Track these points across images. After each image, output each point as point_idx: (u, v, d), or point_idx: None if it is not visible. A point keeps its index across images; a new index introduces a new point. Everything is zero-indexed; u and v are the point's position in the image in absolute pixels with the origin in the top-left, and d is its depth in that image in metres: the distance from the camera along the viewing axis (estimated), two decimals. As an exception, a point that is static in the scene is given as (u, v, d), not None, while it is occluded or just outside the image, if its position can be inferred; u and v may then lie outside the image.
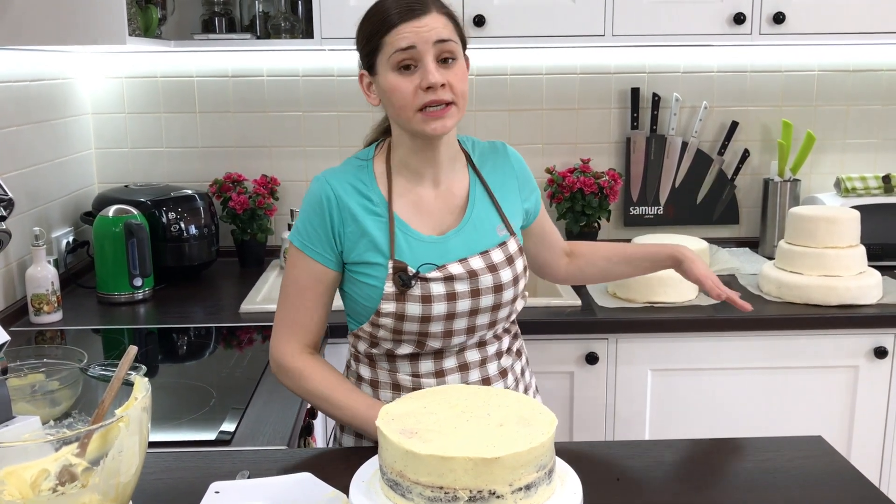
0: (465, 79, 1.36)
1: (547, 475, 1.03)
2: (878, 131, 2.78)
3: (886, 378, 2.16)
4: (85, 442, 1.04)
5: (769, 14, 2.30)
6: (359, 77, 1.42)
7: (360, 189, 1.40)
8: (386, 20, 1.32)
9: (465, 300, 1.38)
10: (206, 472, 1.26)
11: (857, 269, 2.19)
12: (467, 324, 1.41)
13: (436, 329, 1.39)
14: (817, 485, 1.21)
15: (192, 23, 2.58)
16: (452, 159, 1.45)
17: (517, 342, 1.57)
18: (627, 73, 2.71)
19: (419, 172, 1.42)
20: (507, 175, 1.50)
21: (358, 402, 1.38)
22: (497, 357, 1.48)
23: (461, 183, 1.46)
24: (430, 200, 1.43)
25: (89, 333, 2.04)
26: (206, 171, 2.70)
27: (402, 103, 1.33)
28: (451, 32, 1.34)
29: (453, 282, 1.38)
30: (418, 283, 1.36)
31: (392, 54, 1.32)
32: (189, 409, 1.55)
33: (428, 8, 1.33)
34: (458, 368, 1.44)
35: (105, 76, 2.63)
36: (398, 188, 1.42)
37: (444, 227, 1.43)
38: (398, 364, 1.44)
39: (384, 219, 1.39)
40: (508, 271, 1.42)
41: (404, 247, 1.39)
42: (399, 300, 1.36)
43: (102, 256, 2.23)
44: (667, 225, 2.77)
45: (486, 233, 1.43)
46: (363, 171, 1.43)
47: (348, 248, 1.39)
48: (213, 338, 2.01)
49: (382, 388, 1.46)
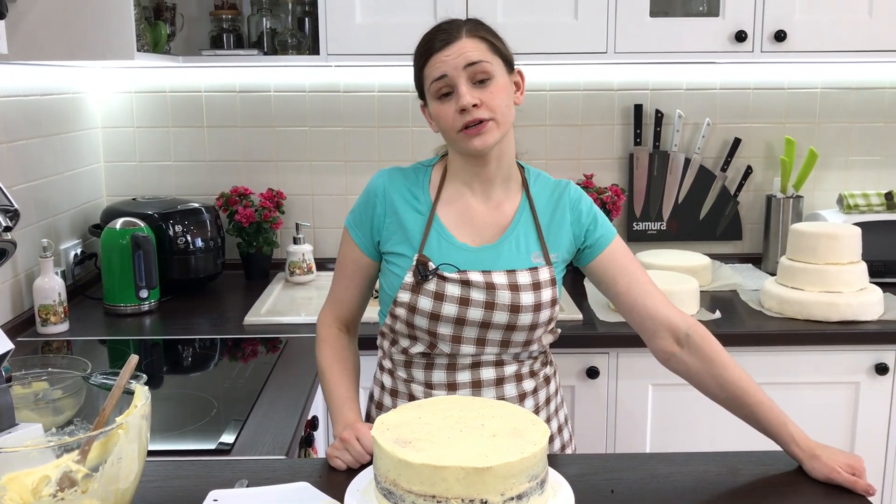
0: (502, 96, 1.40)
1: (539, 485, 1.04)
2: (881, 149, 2.79)
3: (888, 394, 2.16)
4: (86, 449, 1.06)
5: (770, 32, 2.32)
6: (421, 108, 1.52)
7: (410, 188, 1.50)
8: (422, 53, 1.43)
9: (478, 309, 1.42)
10: (205, 481, 1.27)
11: (858, 286, 2.20)
12: (478, 335, 1.44)
13: (445, 331, 1.43)
14: (814, 499, 1.21)
15: (201, 39, 2.62)
16: (506, 179, 1.50)
17: (546, 369, 1.56)
18: (630, 89, 2.73)
19: (470, 185, 1.49)
20: (561, 208, 1.51)
21: (338, 392, 1.48)
22: (517, 380, 1.49)
23: (512, 203, 1.50)
24: (478, 213, 1.49)
25: (96, 344, 2.07)
26: (213, 184, 2.73)
27: (446, 128, 1.42)
28: (484, 53, 1.39)
29: (469, 288, 1.42)
30: (435, 279, 1.42)
31: (430, 85, 1.41)
32: (190, 420, 1.57)
33: (458, 34, 1.40)
34: (472, 384, 1.47)
35: (114, 91, 2.67)
36: (447, 194, 1.50)
37: (483, 239, 1.48)
38: (413, 372, 1.50)
39: (425, 217, 1.48)
40: (531, 295, 1.43)
41: (435, 246, 1.46)
42: (414, 291, 1.43)
43: (109, 268, 2.26)
44: (670, 241, 2.78)
45: (521, 255, 1.46)
46: (421, 173, 1.52)
47: (385, 237, 1.49)
48: (216, 349, 2.03)
49: (400, 398, 1.52)
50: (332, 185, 2.76)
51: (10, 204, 1.05)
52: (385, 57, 2.33)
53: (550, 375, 1.57)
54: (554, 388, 1.58)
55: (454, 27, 1.41)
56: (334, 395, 1.47)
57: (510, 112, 1.43)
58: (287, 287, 2.55)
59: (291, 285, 2.56)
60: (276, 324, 2.17)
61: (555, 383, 1.59)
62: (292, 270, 2.57)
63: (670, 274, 2.33)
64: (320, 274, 2.66)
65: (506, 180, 1.50)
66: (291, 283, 2.57)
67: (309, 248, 2.59)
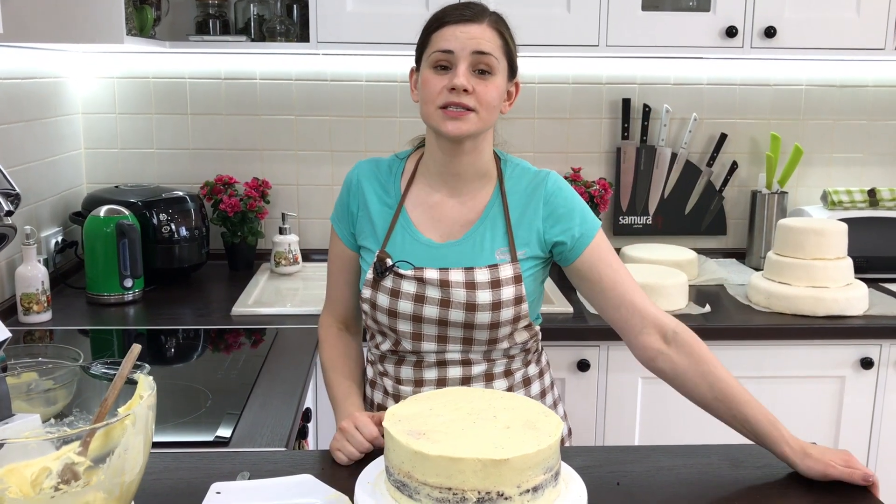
0: (495, 94, 1.38)
1: (553, 477, 1.03)
2: (864, 146, 2.82)
3: (871, 388, 2.19)
4: (87, 440, 1.03)
5: (761, 28, 2.34)
6: (410, 72, 1.48)
7: (382, 180, 1.49)
8: (439, 19, 1.39)
9: (433, 307, 1.41)
10: (206, 473, 1.25)
11: (844, 281, 2.22)
12: (437, 332, 1.43)
13: (404, 328, 1.43)
14: (815, 491, 1.22)
15: (186, 24, 2.57)
16: (480, 174, 1.46)
17: (526, 370, 1.51)
18: (619, 83, 2.73)
19: (440, 178, 1.46)
20: (534, 202, 1.44)
21: (340, 388, 1.48)
22: (486, 379, 1.47)
23: (482, 198, 1.46)
24: (446, 207, 1.46)
25: (78, 334, 2.02)
26: (197, 172, 2.69)
27: (428, 98, 1.38)
28: (496, 49, 1.37)
29: (425, 285, 1.41)
30: (391, 275, 1.42)
31: (433, 53, 1.38)
32: (185, 411, 1.54)
33: (481, 18, 1.38)
34: (437, 382, 1.46)
35: (96, 76, 2.62)
36: (417, 188, 1.48)
37: (449, 235, 1.45)
38: (386, 366, 1.51)
39: (392, 211, 1.46)
40: (488, 294, 1.39)
41: (399, 241, 1.45)
42: (374, 288, 1.44)
43: (93, 257, 2.21)
44: (655, 235, 2.80)
45: (484, 252, 1.43)
46: (394, 166, 1.51)
47: (358, 230, 1.49)
48: (204, 340, 2.00)
49: (377, 389, 1.54)
50: (318, 174, 2.73)
51: (12, 188, 1.01)
52: (376, 46, 2.31)
53: (533, 377, 1.52)
54: (539, 390, 1.53)
55: (479, 9, 1.39)
56: (336, 394, 1.47)
57: (494, 113, 1.40)
58: (273, 278, 2.52)
59: (277, 276, 2.53)
60: (264, 315, 2.15)
61: (540, 385, 1.54)
62: (278, 261, 2.54)
63: (658, 268, 2.34)
64: (306, 265, 2.64)
65: (479, 176, 1.46)
66: (277, 274, 2.54)
67: (295, 238, 2.56)
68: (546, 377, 1.57)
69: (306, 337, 1.97)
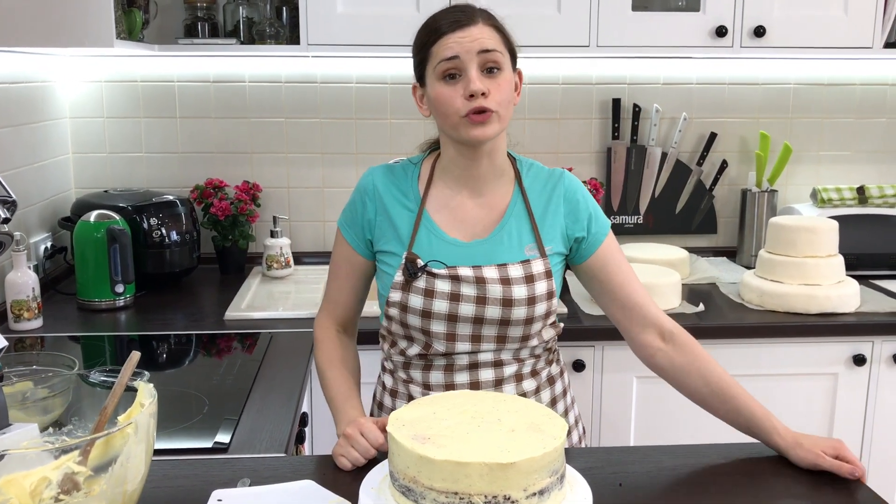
0: (507, 90, 1.38)
1: (559, 480, 1.03)
2: (852, 144, 2.84)
3: (864, 385, 2.20)
4: (87, 449, 1.02)
5: (750, 28, 2.35)
6: (412, 89, 1.46)
7: (399, 185, 1.47)
8: (434, 31, 1.37)
9: (470, 304, 1.39)
10: (206, 480, 1.24)
11: (836, 278, 2.23)
12: (472, 331, 1.41)
13: (438, 328, 1.40)
14: (818, 488, 1.23)
15: (175, 27, 2.55)
16: (498, 174, 1.46)
17: (549, 368, 1.52)
18: (609, 83, 2.73)
19: (460, 180, 1.45)
20: (555, 199, 1.46)
21: (339, 391, 1.45)
22: (516, 380, 1.46)
23: (503, 198, 1.46)
24: (468, 208, 1.46)
25: (69, 341, 2.00)
26: (187, 176, 2.67)
27: (448, 111, 1.36)
28: (498, 44, 1.37)
29: (459, 283, 1.39)
30: (424, 276, 1.40)
31: (438, 64, 1.36)
32: (182, 418, 1.53)
33: (475, 19, 1.37)
34: (469, 385, 1.44)
35: (84, 80, 2.60)
36: (436, 191, 1.47)
37: (474, 234, 1.45)
38: (412, 373, 1.47)
39: (414, 214, 1.45)
40: (524, 289, 1.40)
41: (425, 243, 1.43)
42: (405, 290, 1.41)
43: (83, 262, 2.19)
44: (646, 234, 2.80)
45: (513, 248, 1.43)
46: (409, 170, 1.49)
47: (377, 236, 1.47)
48: (198, 345, 1.98)
49: (400, 398, 1.50)
50: (308, 177, 2.71)
51: (8, 195, 1.00)
52: (367, 48, 2.31)
53: (556, 375, 1.53)
54: (561, 389, 1.54)
55: (469, 11, 1.38)
56: (335, 395, 1.44)
57: (510, 108, 1.40)
58: (264, 281, 2.50)
59: (269, 279, 2.52)
60: (258, 319, 2.13)
61: (562, 384, 1.55)
62: (269, 264, 2.53)
63: (652, 267, 2.35)
64: (298, 268, 2.62)
65: (497, 175, 1.47)
66: (269, 278, 2.53)
67: (287, 241, 2.55)
68: (566, 375, 1.59)
69: (301, 341, 1.96)
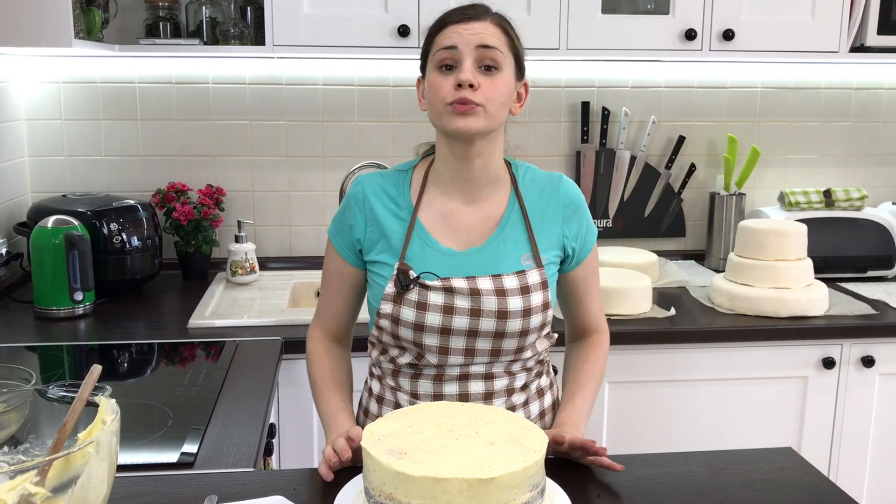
0: (502, 91, 1.34)
1: (540, 494, 1.00)
2: (818, 147, 2.86)
3: (833, 388, 2.21)
4: (45, 469, 0.97)
5: (719, 31, 2.35)
6: (416, 82, 1.44)
7: (390, 193, 1.43)
8: (440, 22, 1.37)
9: (464, 317, 1.35)
10: (171, 498, 1.19)
11: (805, 282, 2.24)
12: (465, 344, 1.37)
13: (431, 341, 1.36)
14: (796, 495, 1.21)
15: (135, 27, 2.49)
16: (492, 179, 1.42)
17: (540, 381, 1.48)
18: (578, 87, 2.72)
19: (453, 186, 1.41)
20: (552, 206, 1.43)
21: (331, 403, 1.42)
22: (507, 394, 1.42)
23: (499, 204, 1.42)
24: (461, 216, 1.41)
25: (26, 351, 1.93)
26: (148, 180, 2.60)
27: (435, 99, 1.34)
28: (500, 43, 1.34)
29: (453, 295, 1.35)
30: (416, 288, 1.36)
31: (436, 52, 1.35)
32: (145, 430, 1.47)
33: (482, 16, 1.36)
34: (458, 397, 1.40)
35: (40, 81, 2.52)
36: (428, 198, 1.43)
37: (469, 243, 1.40)
38: (400, 381, 1.43)
39: (406, 222, 1.41)
40: (519, 300, 1.36)
41: (418, 253, 1.39)
42: (396, 302, 1.37)
43: (41, 269, 2.12)
44: (615, 238, 2.79)
45: (508, 258, 1.39)
46: (401, 177, 1.45)
47: (367, 247, 1.43)
48: (161, 355, 1.92)
49: (386, 405, 1.46)
50: (274, 180, 2.66)
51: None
52: (334, 49, 2.26)
53: (545, 388, 1.50)
54: (550, 401, 1.50)
55: (480, 8, 1.37)
56: (326, 407, 1.41)
57: (503, 111, 1.36)
58: (229, 287, 2.45)
59: (233, 286, 2.46)
60: (223, 327, 2.08)
61: (551, 395, 1.51)
62: (234, 270, 2.47)
63: (622, 271, 2.33)
64: (263, 274, 2.57)
65: (492, 181, 1.42)
66: (233, 284, 2.47)
67: (252, 246, 2.50)
68: (555, 387, 1.55)
69: (267, 349, 1.91)
